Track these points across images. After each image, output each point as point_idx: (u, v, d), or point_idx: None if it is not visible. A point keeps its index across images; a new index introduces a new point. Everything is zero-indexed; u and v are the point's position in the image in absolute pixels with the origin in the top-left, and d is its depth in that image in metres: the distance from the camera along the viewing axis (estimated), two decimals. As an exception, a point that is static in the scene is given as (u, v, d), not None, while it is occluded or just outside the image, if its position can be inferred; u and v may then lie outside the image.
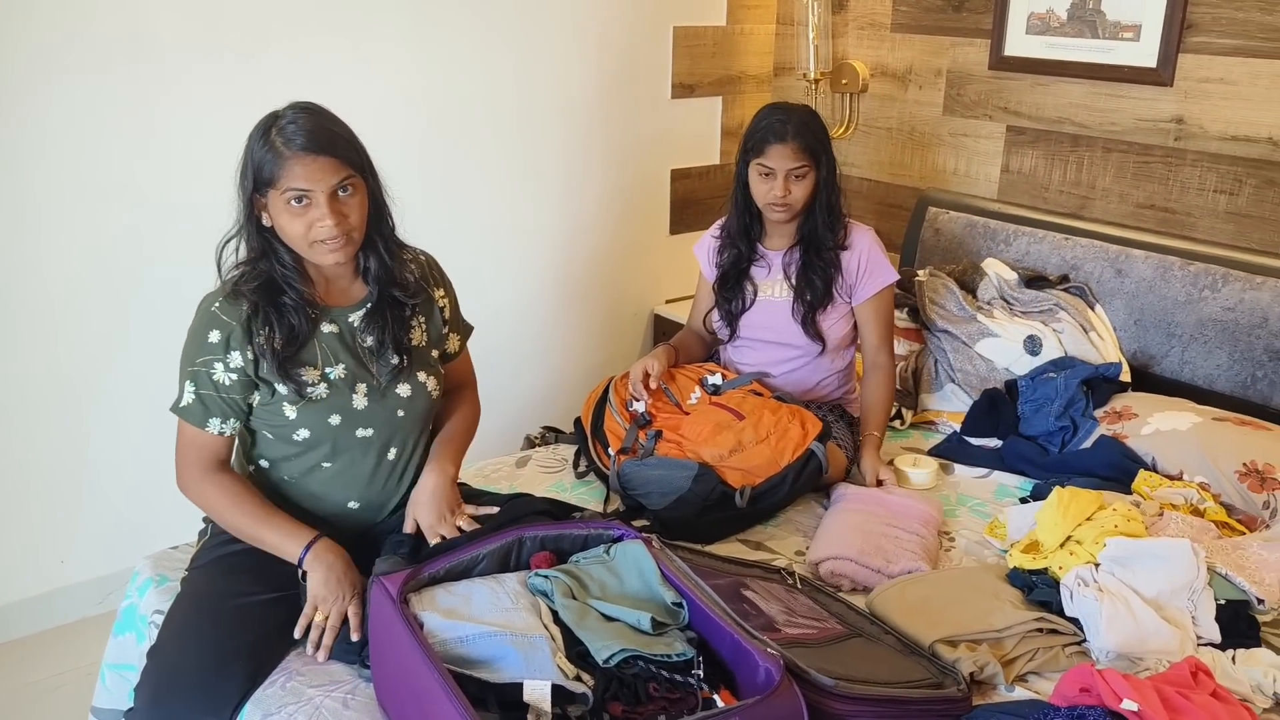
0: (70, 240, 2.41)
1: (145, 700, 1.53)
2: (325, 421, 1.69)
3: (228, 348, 1.63)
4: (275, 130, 1.59)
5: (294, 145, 1.57)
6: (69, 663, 2.46)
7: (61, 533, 2.58)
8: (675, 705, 1.36)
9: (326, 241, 1.60)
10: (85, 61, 2.32)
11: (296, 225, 1.59)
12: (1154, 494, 2.11)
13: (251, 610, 1.61)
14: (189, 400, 1.66)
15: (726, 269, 2.43)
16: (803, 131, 2.25)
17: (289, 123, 1.59)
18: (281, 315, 1.64)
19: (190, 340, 1.66)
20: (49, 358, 2.45)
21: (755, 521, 2.12)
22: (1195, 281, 2.51)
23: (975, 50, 3.00)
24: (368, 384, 1.72)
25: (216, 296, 1.66)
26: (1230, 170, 2.55)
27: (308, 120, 1.60)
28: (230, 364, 1.63)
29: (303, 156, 1.57)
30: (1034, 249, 2.83)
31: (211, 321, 1.63)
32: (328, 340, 1.70)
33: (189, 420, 1.67)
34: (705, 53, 3.40)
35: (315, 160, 1.57)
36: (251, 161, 1.60)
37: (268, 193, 1.60)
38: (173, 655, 1.56)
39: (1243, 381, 2.45)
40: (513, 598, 1.49)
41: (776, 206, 2.27)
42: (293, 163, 1.56)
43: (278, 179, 1.57)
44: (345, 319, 1.73)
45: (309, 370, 1.67)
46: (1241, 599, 1.77)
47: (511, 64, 2.99)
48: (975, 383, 2.61)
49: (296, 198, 1.58)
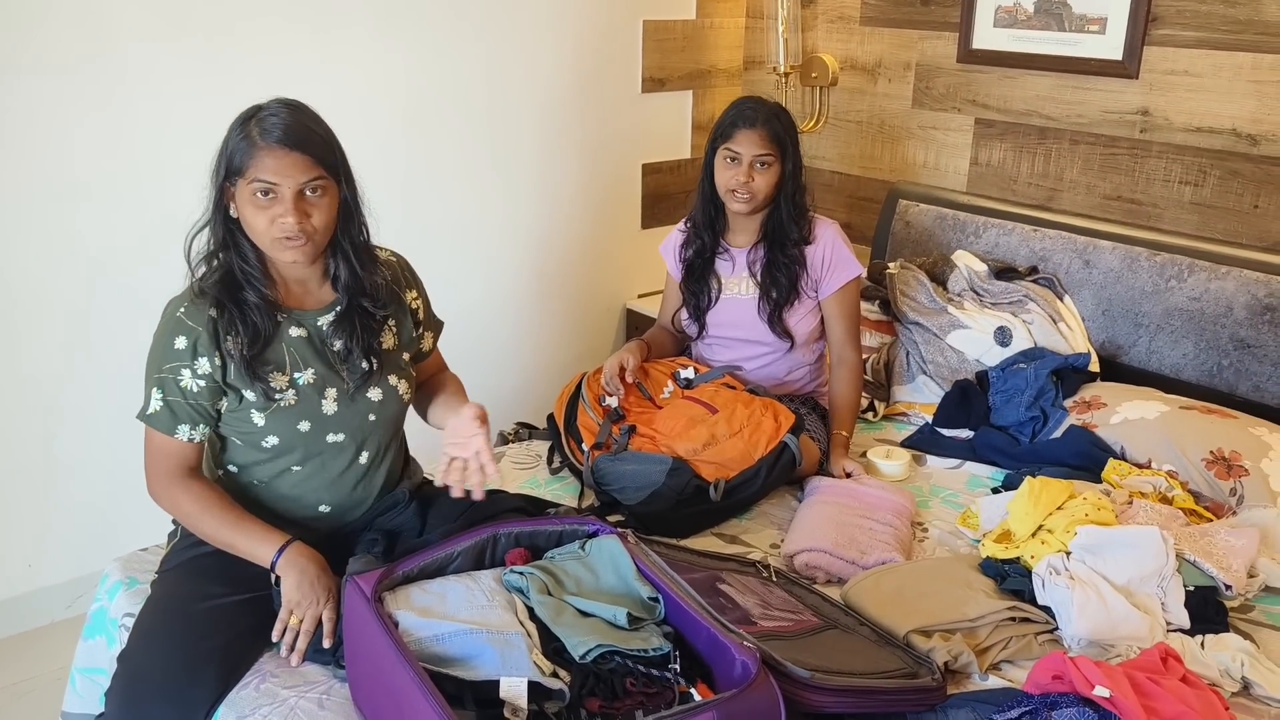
0: (31, 239, 2.37)
1: (116, 704, 1.52)
2: (294, 428, 1.65)
3: (195, 354, 1.60)
4: (254, 121, 1.57)
5: (269, 137, 1.55)
6: (38, 667, 2.42)
7: (28, 536, 2.54)
8: (652, 700, 1.36)
9: (287, 240, 1.57)
10: (43, 55, 2.28)
11: (260, 219, 1.57)
12: (1123, 482, 2.13)
13: (222, 612, 1.59)
14: (156, 407, 1.62)
15: (691, 260, 2.43)
16: (772, 121, 2.26)
17: (269, 115, 1.58)
18: (244, 313, 1.61)
19: (156, 346, 1.63)
20: (12, 359, 2.41)
21: (730, 515, 2.13)
22: (1162, 272, 2.54)
23: (943, 43, 3.01)
24: (337, 388, 1.69)
25: (182, 301, 1.63)
26: (1195, 161, 2.58)
27: (288, 115, 1.58)
28: (198, 370, 1.60)
29: (275, 149, 1.54)
30: (1003, 241, 2.85)
31: (177, 327, 1.60)
32: (295, 344, 1.67)
33: (157, 428, 1.63)
34: (675, 47, 3.40)
35: (287, 155, 1.55)
36: (226, 149, 1.58)
37: (237, 182, 1.57)
38: (143, 659, 1.54)
39: (1209, 370, 2.48)
40: (488, 595, 1.49)
41: (739, 193, 2.27)
42: (264, 154, 1.54)
43: (247, 169, 1.55)
44: (314, 322, 1.69)
45: (276, 375, 1.64)
46: (1210, 585, 1.80)
47: (481, 58, 2.97)
48: (946, 374, 2.62)
49: (263, 190, 1.55)
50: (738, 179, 2.25)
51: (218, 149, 1.60)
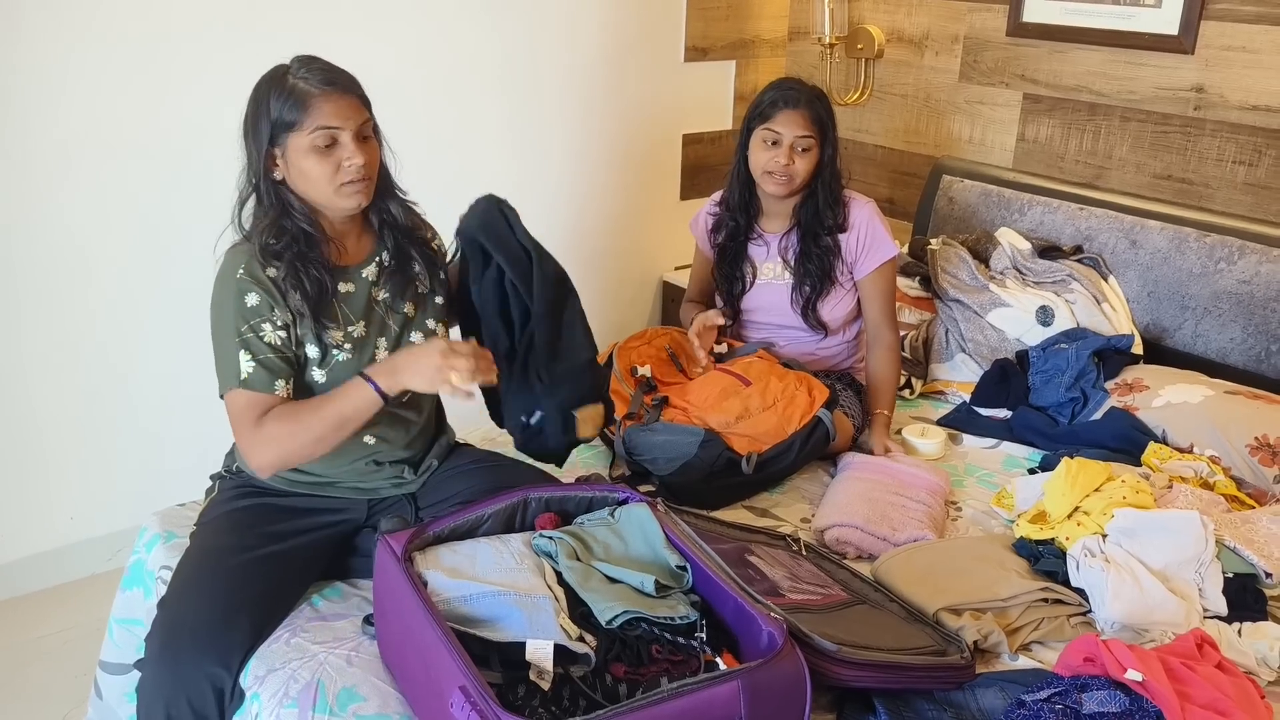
0: (79, 196, 2.40)
1: (155, 650, 1.54)
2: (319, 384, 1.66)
3: (271, 307, 1.59)
4: (291, 76, 1.56)
5: (322, 85, 1.55)
6: (77, 618, 2.48)
7: (71, 489, 2.59)
8: (678, 667, 1.36)
9: (355, 182, 1.58)
10: (94, 18, 2.30)
11: (324, 167, 1.56)
12: (1163, 466, 2.09)
13: (257, 564, 1.61)
14: (249, 369, 1.58)
15: (724, 243, 2.40)
16: (814, 103, 2.23)
17: (307, 67, 1.57)
18: (307, 270, 1.61)
19: (225, 310, 1.60)
20: (57, 315, 2.45)
21: (761, 488, 2.12)
22: (1211, 253, 2.48)
23: (993, 16, 2.95)
24: (387, 337, 1.71)
25: (236, 263, 1.60)
26: (1250, 141, 2.51)
27: (324, 64, 1.59)
28: (277, 322, 1.60)
29: (331, 94, 1.55)
30: (1048, 219, 2.80)
31: (243, 286, 1.59)
32: (344, 299, 1.68)
33: (257, 388, 1.58)
34: (719, 15, 3.36)
35: (343, 98, 1.56)
36: (267, 110, 1.56)
37: (286, 139, 1.56)
38: (180, 607, 1.56)
39: (1256, 355, 2.42)
40: (517, 558, 1.49)
41: (777, 175, 2.22)
42: (321, 101, 1.54)
43: (303, 120, 1.54)
44: (359, 275, 1.71)
45: (333, 331, 1.65)
46: (1249, 572, 1.76)
47: (522, 26, 2.95)
48: (986, 353, 2.59)
49: (326, 139, 1.55)
50: (777, 161, 2.21)
51: (248, 114, 1.59)
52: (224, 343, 1.60)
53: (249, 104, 1.60)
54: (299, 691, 1.46)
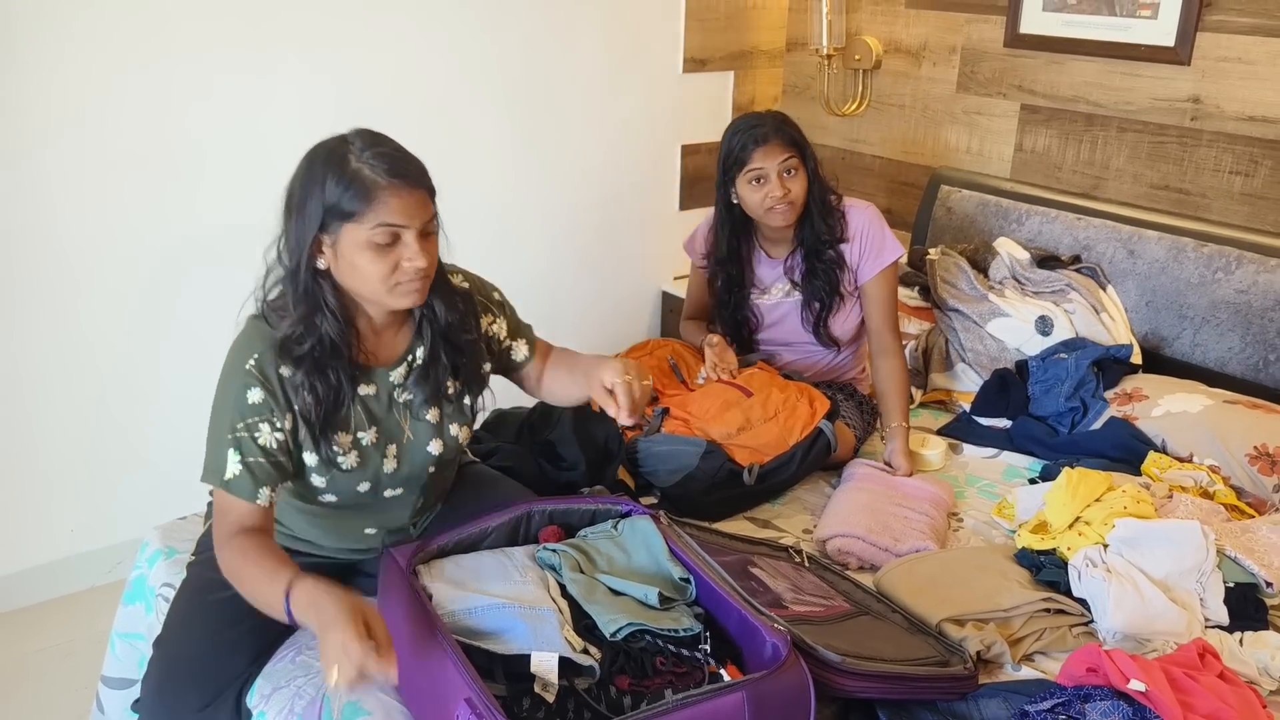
0: (81, 210, 2.40)
1: (151, 691, 1.55)
2: (354, 489, 1.55)
3: (272, 408, 1.43)
4: (354, 156, 1.40)
5: (387, 173, 1.38)
6: (78, 631, 2.47)
7: (71, 502, 2.59)
8: (682, 679, 1.36)
9: (412, 283, 1.43)
10: (94, 29, 2.30)
11: (380, 266, 1.40)
12: (1163, 476, 2.10)
13: None
14: (235, 471, 1.42)
15: (723, 296, 2.38)
16: (781, 128, 2.20)
17: (369, 148, 1.41)
18: (325, 379, 1.46)
19: (225, 401, 1.44)
20: (59, 327, 2.45)
21: (763, 499, 2.12)
22: (1209, 263, 2.49)
23: (990, 27, 2.97)
24: (398, 443, 1.56)
25: (248, 350, 1.45)
26: (1246, 151, 2.52)
27: (392, 148, 1.43)
28: (276, 424, 1.44)
29: (399, 188, 1.39)
30: (1046, 229, 2.81)
31: (248, 380, 1.43)
32: (363, 402, 1.53)
33: (237, 494, 1.43)
34: (717, 27, 3.37)
35: (411, 193, 1.40)
36: (321, 190, 1.39)
37: (340, 228, 1.39)
38: (176, 647, 1.56)
39: (1255, 364, 2.43)
40: (521, 571, 1.49)
41: (779, 208, 2.20)
42: (387, 194, 1.38)
43: (364, 213, 1.38)
44: (385, 379, 1.55)
45: (341, 436, 1.50)
46: (1250, 582, 1.77)
47: (522, 35, 2.97)
48: (986, 362, 2.60)
49: (388, 236, 1.39)
50: (773, 196, 2.18)
51: (294, 192, 1.43)
52: (217, 433, 1.45)
53: (299, 176, 1.44)
54: (304, 708, 1.47)
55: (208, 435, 1.47)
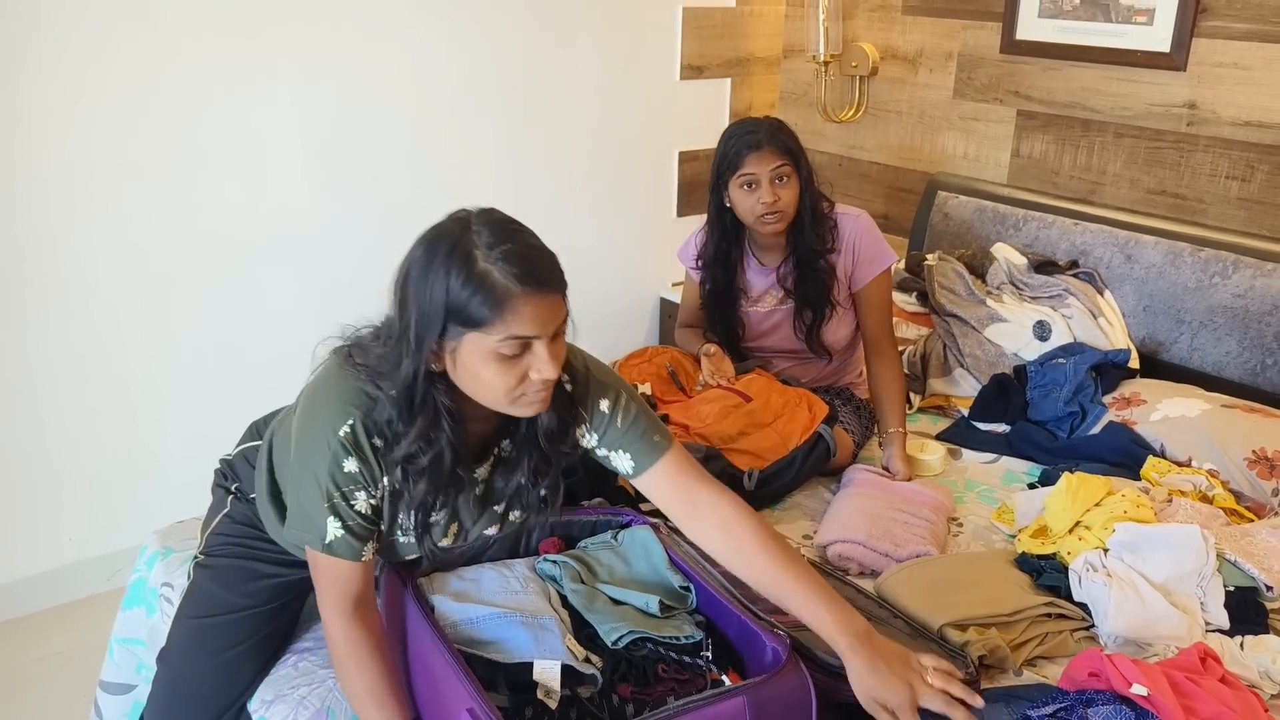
0: (79, 217, 2.40)
1: (156, 708, 1.56)
2: (404, 556, 1.50)
3: (369, 478, 1.34)
4: (481, 255, 1.24)
5: (519, 279, 1.24)
6: (77, 638, 2.47)
7: (69, 510, 2.58)
8: (684, 686, 1.37)
9: (540, 393, 1.31)
10: (90, 38, 2.31)
11: (506, 378, 1.27)
12: (1163, 480, 2.10)
13: (262, 616, 1.57)
14: (336, 534, 1.33)
15: (710, 302, 2.38)
16: (776, 135, 2.19)
17: (498, 244, 1.26)
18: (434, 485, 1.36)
19: (317, 466, 1.32)
20: (56, 335, 2.45)
21: (763, 505, 2.12)
22: (1205, 268, 2.50)
23: (987, 33, 2.98)
24: (458, 522, 1.47)
25: (342, 416, 1.31)
26: (1243, 156, 2.53)
27: (523, 242, 1.29)
28: (372, 492, 1.35)
29: (532, 295, 1.24)
30: (1043, 234, 2.81)
31: (343, 451, 1.31)
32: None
33: (342, 556, 1.34)
34: (714, 34, 3.38)
35: (545, 300, 1.26)
36: (443, 293, 1.23)
37: (463, 335, 1.25)
38: (182, 667, 1.56)
39: (1252, 369, 2.44)
40: (522, 582, 1.49)
41: (768, 216, 2.19)
42: (522, 304, 1.23)
43: (495, 323, 1.23)
44: (471, 473, 1.43)
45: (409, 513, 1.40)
46: (1250, 586, 1.77)
47: (518, 44, 2.97)
48: (984, 368, 2.60)
49: (518, 346, 1.26)
50: (763, 202, 2.18)
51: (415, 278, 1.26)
52: (311, 498, 1.34)
53: (416, 262, 1.27)
54: (308, 718, 1.46)
55: (298, 494, 1.37)
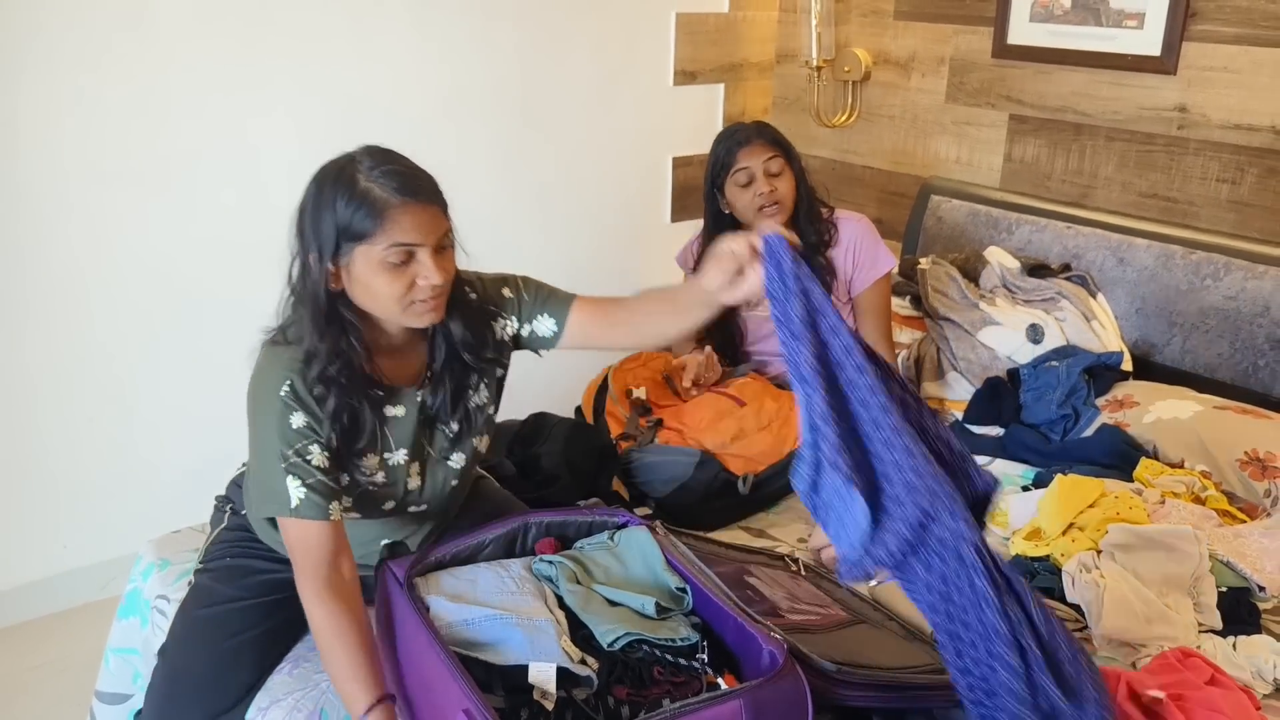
0: (72, 225, 2.40)
1: (155, 703, 1.55)
2: (379, 508, 1.56)
3: (316, 429, 1.42)
4: (362, 175, 1.37)
5: (398, 191, 1.36)
6: (72, 647, 2.46)
7: (64, 518, 2.58)
8: (680, 688, 1.36)
9: (428, 301, 1.42)
10: (85, 45, 2.31)
11: (396, 285, 1.38)
12: (1155, 482, 2.11)
13: (260, 609, 1.60)
14: (300, 497, 1.39)
15: None
16: (763, 130, 2.25)
17: (378, 165, 1.39)
18: (348, 401, 1.44)
19: (268, 432, 1.41)
20: (51, 343, 2.45)
21: (758, 508, 2.13)
22: (1197, 270, 2.51)
23: (978, 38, 2.99)
24: (422, 460, 1.56)
25: (279, 377, 1.42)
26: (1233, 159, 2.55)
27: (404, 165, 1.41)
28: (324, 443, 1.42)
29: (410, 205, 1.37)
30: (1036, 238, 2.82)
31: (287, 407, 1.40)
32: (391, 424, 1.53)
33: (310, 517, 1.40)
34: (707, 39, 3.39)
35: (424, 210, 1.38)
36: (333, 212, 1.36)
37: (353, 250, 1.37)
38: (182, 658, 1.56)
39: (1244, 370, 2.45)
40: (518, 583, 1.49)
41: (768, 208, 2.21)
42: (400, 213, 1.36)
43: (377, 233, 1.36)
44: (413, 398, 1.54)
45: (369, 457, 1.50)
46: (1243, 586, 1.78)
47: (514, 49, 2.98)
48: (977, 371, 2.61)
49: (401, 255, 1.37)
50: (760, 194, 2.21)
51: (304, 217, 1.41)
52: (268, 465, 1.41)
53: (309, 197, 1.41)
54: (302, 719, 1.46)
55: (258, 470, 1.45)
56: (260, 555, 1.66)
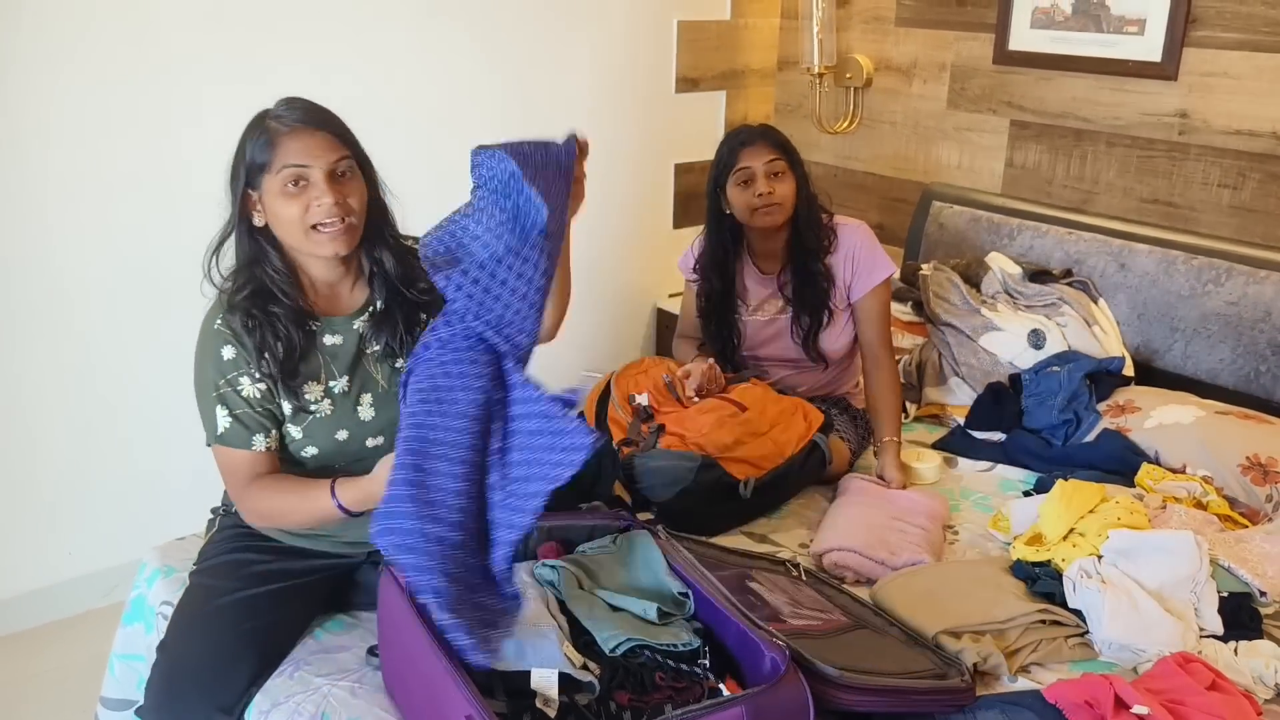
0: (75, 233, 2.41)
1: (154, 694, 1.55)
2: (332, 438, 1.63)
3: (247, 361, 1.55)
4: (268, 117, 1.55)
5: (289, 121, 1.52)
6: (76, 654, 2.47)
7: (68, 525, 2.59)
8: (682, 694, 1.37)
9: (326, 226, 1.53)
10: (90, 55, 2.32)
11: (293, 208, 1.51)
12: (1157, 487, 2.11)
13: (257, 603, 1.61)
14: (225, 425, 1.56)
15: (706, 308, 2.39)
16: (768, 133, 2.26)
17: (281, 107, 1.56)
18: (274, 326, 1.55)
19: (204, 363, 1.57)
20: (54, 350, 2.46)
21: (759, 513, 2.13)
22: (1199, 276, 2.52)
23: (979, 44, 3.00)
24: (373, 393, 1.66)
25: (215, 313, 1.58)
26: (1234, 164, 2.55)
27: (300, 102, 1.57)
28: (255, 375, 1.56)
29: (299, 131, 1.52)
30: (1037, 243, 2.83)
31: (219, 339, 1.56)
32: (329, 352, 1.63)
33: (232, 445, 1.57)
34: (709, 46, 3.40)
35: (312, 135, 1.52)
36: (245, 154, 1.54)
37: (261, 181, 1.53)
38: (181, 651, 1.57)
39: (1246, 375, 2.45)
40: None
41: (765, 209, 2.22)
42: (288, 139, 1.51)
43: (272, 160, 1.51)
44: (349, 327, 1.65)
45: (311, 385, 1.60)
46: (1244, 591, 1.78)
47: (515, 58, 2.99)
48: (979, 376, 2.61)
49: (294, 178, 1.50)
50: (759, 194, 2.21)
51: (232, 159, 1.57)
52: (203, 395, 1.57)
53: (237, 148, 1.58)
54: (304, 723, 1.47)
55: (197, 401, 1.60)
56: (252, 549, 1.70)
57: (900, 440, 2.28)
